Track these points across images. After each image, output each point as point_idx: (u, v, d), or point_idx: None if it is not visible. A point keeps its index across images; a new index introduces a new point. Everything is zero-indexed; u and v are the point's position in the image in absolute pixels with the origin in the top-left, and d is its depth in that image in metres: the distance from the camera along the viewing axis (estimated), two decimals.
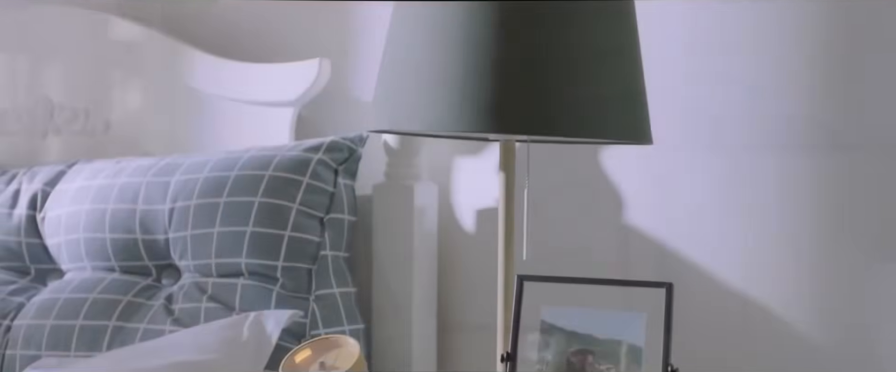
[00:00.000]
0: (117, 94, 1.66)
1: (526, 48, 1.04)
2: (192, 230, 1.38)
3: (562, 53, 1.05)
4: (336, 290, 1.38)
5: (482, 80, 1.03)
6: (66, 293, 1.44)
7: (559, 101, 1.05)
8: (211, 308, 1.34)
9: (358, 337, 1.39)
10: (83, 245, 1.46)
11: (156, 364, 1.19)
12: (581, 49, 1.06)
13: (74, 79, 1.69)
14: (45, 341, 1.40)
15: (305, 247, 1.35)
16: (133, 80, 1.65)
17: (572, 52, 1.05)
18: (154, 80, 1.63)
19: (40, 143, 1.72)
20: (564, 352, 0.99)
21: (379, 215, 1.45)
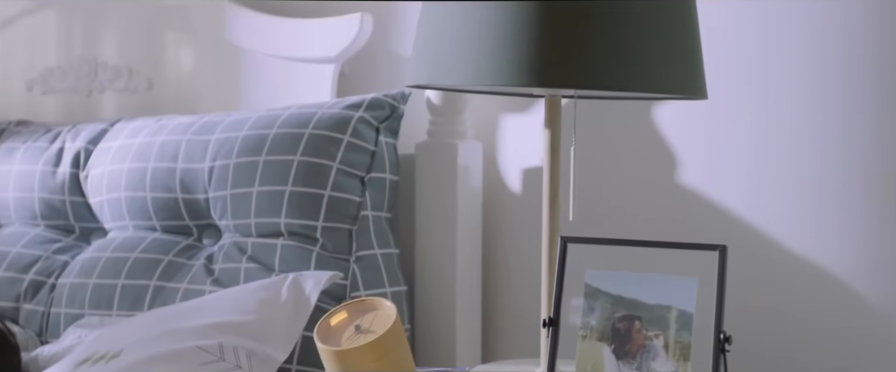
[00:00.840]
0: (160, 52, 1.64)
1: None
2: (231, 189, 1.36)
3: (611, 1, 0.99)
4: (377, 251, 1.35)
5: (526, 30, 0.98)
6: (108, 252, 1.43)
7: (608, 52, 0.99)
8: (250, 269, 1.32)
9: (400, 299, 1.36)
10: (125, 204, 1.45)
11: (193, 324, 1.17)
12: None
13: (118, 37, 1.67)
14: (88, 300, 1.40)
15: (346, 207, 1.32)
16: (176, 37, 1.63)
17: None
18: (197, 37, 1.60)
19: (84, 102, 1.72)
20: (610, 317, 0.94)
21: (422, 175, 1.41)
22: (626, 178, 1.36)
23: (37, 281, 1.47)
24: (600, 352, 0.93)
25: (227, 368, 1.13)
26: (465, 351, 1.41)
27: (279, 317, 1.19)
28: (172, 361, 1.12)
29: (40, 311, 1.45)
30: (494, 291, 1.46)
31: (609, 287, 0.95)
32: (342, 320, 1.00)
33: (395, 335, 0.97)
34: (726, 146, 1.30)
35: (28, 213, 1.56)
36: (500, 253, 1.45)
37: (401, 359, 0.97)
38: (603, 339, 0.94)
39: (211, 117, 1.45)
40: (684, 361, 0.92)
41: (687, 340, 0.92)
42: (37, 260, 1.49)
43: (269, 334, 1.18)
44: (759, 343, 1.27)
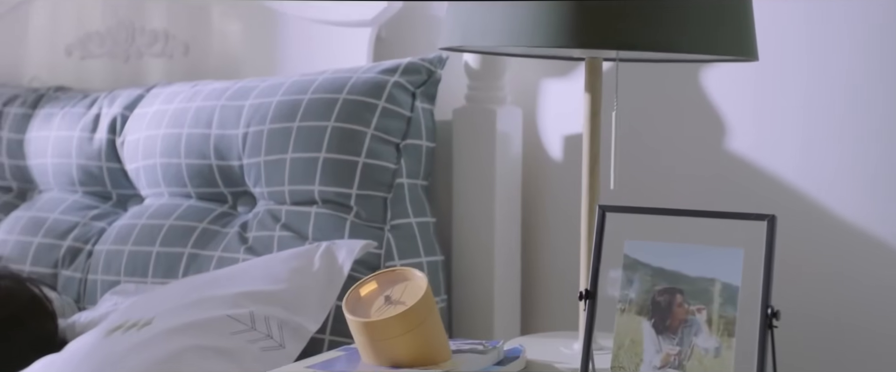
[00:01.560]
0: (198, 16, 1.62)
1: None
2: (265, 156, 1.33)
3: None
4: (413, 219, 1.31)
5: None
6: (144, 219, 1.42)
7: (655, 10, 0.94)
8: (284, 237, 1.29)
9: (436, 269, 1.33)
10: (160, 170, 1.43)
11: (224, 293, 1.15)
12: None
13: (156, 2, 1.65)
14: (124, 267, 1.39)
15: (380, 174, 1.29)
16: (213, 1, 1.60)
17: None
18: (234, 1, 1.57)
19: (121, 67, 1.71)
20: (650, 290, 0.90)
21: (459, 142, 1.37)
22: (670, 145, 1.31)
23: (74, 247, 1.47)
24: (639, 326, 0.89)
25: (257, 337, 1.11)
26: (504, 323, 1.37)
27: (311, 286, 1.17)
28: (203, 330, 1.10)
29: (78, 277, 1.44)
30: (534, 261, 1.42)
31: (649, 258, 0.90)
32: (372, 291, 0.96)
33: (426, 307, 0.93)
34: (778, 111, 1.24)
35: (66, 179, 1.56)
36: (540, 222, 1.41)
37: (432, 331, 0.94)
38: (642, 313, 0.89)
39: (245, 83, 1.42)
40: (729, 336, 0.87)
41: (732, 315, 0.87)
42: (74, 226, 1.49)
43: (301, 304, 1.15)
44: (809, 319, 1.22)
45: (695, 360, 0.88)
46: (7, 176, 1.65)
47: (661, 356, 0.88)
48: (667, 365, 0.88)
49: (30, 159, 1.60)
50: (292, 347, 1.13)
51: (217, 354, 1.08)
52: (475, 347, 1.02)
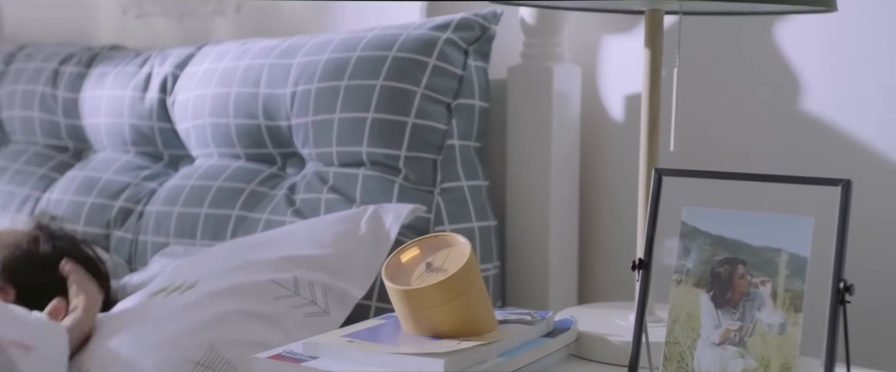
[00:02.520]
0: None
1: None
2: (313, 116, 1.29)
3: None
4: (464, 183, 1.26)
5: None
6: (193, 180, 1.40)
7: None
8: (331, 200, 1.25)
9: (488, 235, 1.27)
10: (209, 131, 1.41)
11: (269, 257, 1.12)
12: None
13: None
14: (173, 229, 1.37)
15: (430, 135, 1.24)
16: None
17: None
18: None
19: (174, 25, 1.68)
20: (709, 260, 0.83)
21: (514, 101, 1.31)
22: (736, 105, 1.23)
23: (126, 208, 1.46)
24: (697, 299, 0.83)
25: (301, 303, 1.08)
26: (559, 291, 1.32)
27: (357, 251, 1.13)
28: (246, 294, 1.07)
29: (129, 238, 1.43)
30: (592, 227, 1.35)
31: (709, 226, 0.84)
32: (413, 257, 0.92)
33: (469, 274, 0.89)
34: (857, 68, 1.15)
35: (119, 139, 1.54)
36: (598, 186, 1.34)
37: (475, 300, 0.89)
38: (700, 285, 0.83)
39: (295, 40, 1.38)
40: (795, 311, 0.80)
41: (799, 289, 0.80)
42: (126, 187, 1.48)
43: (347, 269, 1.12)
44: (887, 294, 1.13)
45: (757, 336, 0.81)
46: (63, 135, 1.64)
47: (720, 332, 0.82)
48: (726, 341, 0.82)
49: (84, 119, 1.60)
50: (337, 313, 1.09)
51: (259, 319, 1.05)
52: (523, 318, 0.96)
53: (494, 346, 0.87)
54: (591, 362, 0.98)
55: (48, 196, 1.55)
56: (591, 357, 0.99)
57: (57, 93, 1.64)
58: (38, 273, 1.23)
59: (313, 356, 0.86)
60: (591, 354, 0.99)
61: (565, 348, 0.98)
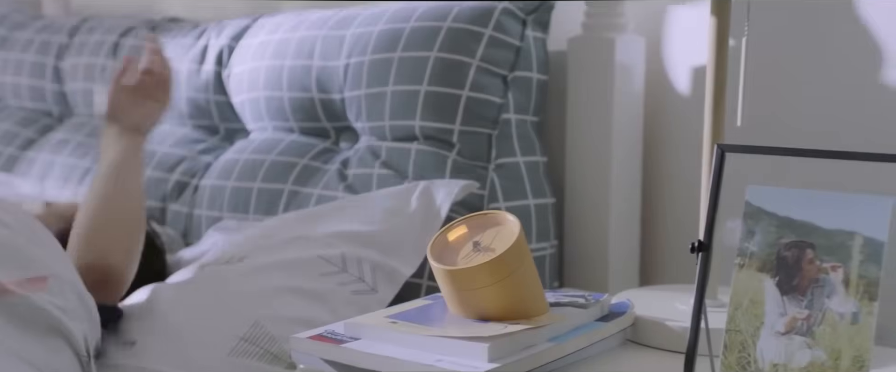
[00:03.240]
0: None
1: None
2: (366, 89, 1.26)
3: None
4: (520, 158, 1.21)
5: None
6: (247, 154, 1.38)
7: None
8: (383, 175, 1.22)
9: (545, 213, 1.23)
10: (263, 104, 1.38)
11: (317, 232, 1.10)
12: None
13: None
14: (227, 203, 1.35)
15: (485, 109, 1.19)
16: None
17: None
18: None
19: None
20: (775, 243, 0.77)
21: (574, 74, 1.26)
22: (810, 77, 1.15)
23: (181, 181, 1.45)
24: (761, 285, 0.77)
25: (348, 279, 1.05)
26: (620, 273, 1.27)
27: (407, 228, 1.10)
28: (293, 270, 1.05)
29: (184, 212, 1.42)
30: (656, 205, 1.30)
31: (775, 207, 0.78)
32: (461, 236, 0.88)
33: (518, 255, 0.84)
34: None
35: (175, 112, 1.53)
36: (662, 163, 1.28)
37: (524, 281, 0.85)
38: (765, 269, 0.77)
39: (349, 10, 1.35)
40: (869, 300, 0.74)
41: (874, 275, 0.74)
42: (182, 160, 1.47)
43: (396, 247, 1.08)
44: None
45: (827, 326, 0.75)
46: None
47: (787, 320, 0.76)
48: (792, 331, 0.76)
49: None
50: (385, 291, 1.06)
51: (306, 295, 1.03)
52: (576, 300, 0.92)
53: (543, 330, 0.83)
54: (648, 348, 0.93)
55: None
56: (648, 343, 0.94)
57: (117, 66, 1.64)
58: None
59: (354, 337, 0.83)
60: (649, 339, 0.94)
61: (621, 333, 0.93)
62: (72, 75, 1.72)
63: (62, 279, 0.94)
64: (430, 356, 0.78)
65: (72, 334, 0.92)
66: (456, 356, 0.78)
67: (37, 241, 0.97)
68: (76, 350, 0.92)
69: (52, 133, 1.72)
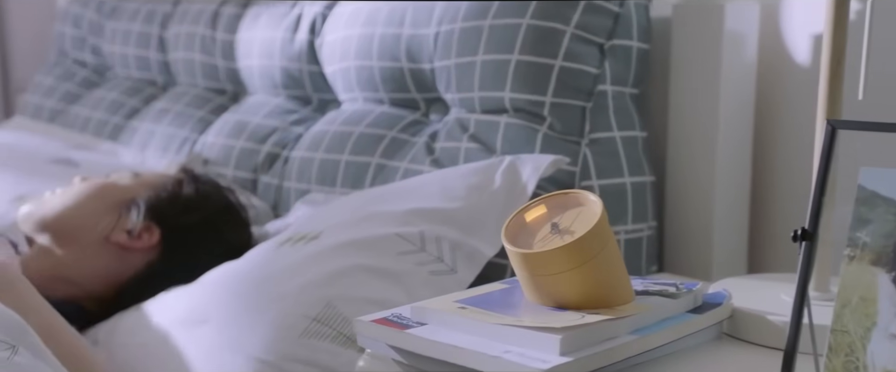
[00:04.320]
0: None
1: None
2: (455, 58, 1.20)
3: None
4: (617, 133, 1.13)
5: None
6: (336, 125, 1.34)
7: None
8: (471, 149, 1.16)
9: (643, 191, 1.15)
10: (354, 74, 1.34)
11: (396, 209, 1.05)
12: None
13: None
14: (315, 175, 1.32)
15: (579, 80, 1.12)
16: None
17: None
18: None
19: None
20: (892, 234, 0.68)
21: (680, 43, 1.16)
22: None
23: (272, 153, 1.43)
24: (874, 280, 0.68)
25: (427, 259, 1.00)
26: (725, 258, 1.17)
27: (490, 206, 1.03)
28: (368, 248, 1.00)
29: (274, 184, 1.40)
30: (767, 186, 1.19)
31: (893, 192, 0.68)
32: (539, 216, 0.81)
33: (599, 238, 0.77)
34: None
35: (270, 81, 1.51)
36: (776, 140, 1.18)
37: (606, 267, 0.78)
38: (879, 262, 0.68)
39: None
40: None
41: None
42: (274, 131, 1.45)
43: (478, 225, 1.03)
44: None
45: None
46: (221, 78, 1.64)
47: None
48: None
49: (240, 61, 1.58)
50: (465, 272, 1.01)
51: (382, 275, 0.98)
52: (665, 289, 0.84)
53: (625, 321, 0.76)
54: (747, 344, 0.85)
55: (204, 139, 1.55)
56: (746, 338, 0.85)
57: (215, 35, 1.63)
58: (181, 215, 1.22)
59: (421, 322, 0.78)
60: (747, 334, 0.85)
61: (715, 327, 0.85)
62: (174, 44, 1.73)
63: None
64: (497, 346, 0.72)
65: None
66: (525, 347, 0.72)
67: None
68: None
69: (155, 102, 1.73)
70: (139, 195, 1.22)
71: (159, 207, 1.22)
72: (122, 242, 1.16)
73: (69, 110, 1.89)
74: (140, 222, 1.18)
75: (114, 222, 1.18)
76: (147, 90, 1.79)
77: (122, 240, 1.16)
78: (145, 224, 1.19)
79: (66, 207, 1.19)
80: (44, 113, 1.94)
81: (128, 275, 1.17)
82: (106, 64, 1.92)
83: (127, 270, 1.17)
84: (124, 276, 1.17)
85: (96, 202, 1.20)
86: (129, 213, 1.19)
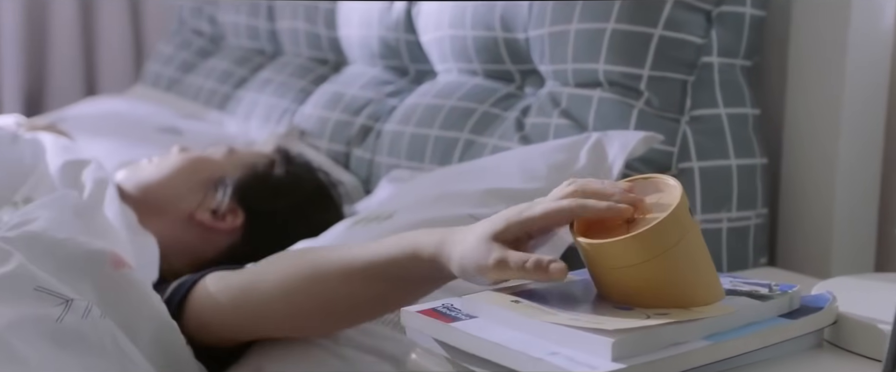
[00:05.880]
0: None
1: None
2: (549, 27, 1.11)
3: None
4: (723, 110, 1.02)
5: None
6: (429, 98, 1.28)
7: None
8: (561, 125, 1.08)
9: (753, 175, 1.03)
10: (448, 43, 1.28)
11: (473, 189, 0.98)
12: None
13: None
14: (405, 150, 1.27)
15: (681, 50, 1.01)
16: None
17: None
18: None
19: None
20: None
21: (801, 10, 1.04)
22: None
23: (366, 126, 1.38)
24: None
25: None
26: (848, 252, 1.05)
27: None
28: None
29: (367, 158, 1.35)
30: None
31: None
32: None
33: (676, 228, 0.68)
34: None
35: (368, 51, 1.47)
36: None
37: (685, 260, 0.68)
38: None
39: None
40: None
41: None
42: (368, 103, 1.40)
43: None
44: None
45: None
46: (324, 47, 1.60)
47: None
48: None
49: (340, 30, 1.54)
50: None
51: None
52: (756, 289, 0.74)
53: (697, 324, 0.66)
54: (853, 355, 0.73)
55: (303, 110, 1.52)
56: (852, 348, 0.74)
57: (318, 3, 1.59)
58: (269, 199, 1.18)
59: (471, 315, 0.71)
60: (854, 344, 0.74)
61: (814, 335, 0.74)
62: (281, 13, 1.70)
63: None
64: (544, 347, 0.64)
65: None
66: (575, 349, 0.64)
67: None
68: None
69: (261, 72, 1.72)
70: (229, 174, 1.18)
71: (247, 189, 1.17)
72: (206, 222, 1.14)
73: (184, 79, 1.90)
74: (225, 203, 1.14)
75: (199, 200, 1.15)
76: (255, 60, 1.78)
77: (205, 219, 1.14)
78: (231, 206, 1.15)
79: (156, 180, 1.18)
80: (162, 81, 1.97)
81: (209, 255, 1.14)
82: (221, 33, 1.92)
83: (209, 250, 1.14)
84: (206, 256, 1.14)
85: (185, 177, 1.18)
86: (216, 192, 1.16)
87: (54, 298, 0.79)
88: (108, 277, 0.85)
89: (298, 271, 0.84)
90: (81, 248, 0.86)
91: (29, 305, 0.78)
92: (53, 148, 1.12)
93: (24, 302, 0.78)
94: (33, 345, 0.75)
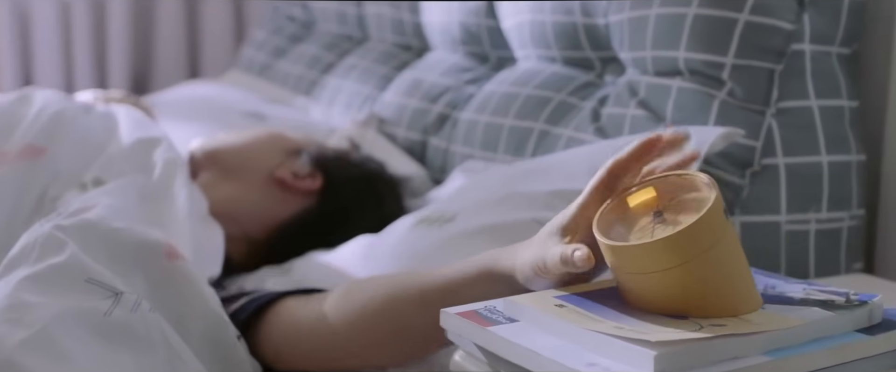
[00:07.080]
0: None
1: None
2: (629, 12, 1.05)
3: None
4: (815, 102, 0.94)
5: None
6: (505, 86, 1.23)
7: None
8: (637, 117, 1.01)
9: (847, 173, 0.95)
10: (528, 29, 1.23)
11: (538, 189, 0.93)
12: None
13: None
14: (479, 139, 1.23)
15: (769, 37, 0.93)
16: None
17: None
18: None
19: None
20: None
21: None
22: None
23: (443, 114, 1.34)
24: None
25: None
26: None
27: None
28: (502, 235, 0.88)
29: (443, 147, 1.32)
30: None
31: None
32: (645, 201, 0.66)
33: (709, 231, 0.61)
34: None
35: (449, 37, 1.43)
36: None
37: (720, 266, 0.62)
38: None
39: None
40: None
41: None
42: (446, 90, 1.36)
43: None
44: None
45: None
46: (408, 32, 1.57)
47: None
48: None
49: (423, 15, 1.50)
50: None
51: None
52: (833, 299, 0.67)
53: (756, 338, 0.60)
54: None
55: (383, 96, 1.49)
56: None
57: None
58: (347, 168, 1.20)
59: (513, 318, 0.66)
60: None
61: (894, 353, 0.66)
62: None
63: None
64: (582, 356, 0.59)
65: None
66: (616, 360, 0.59)
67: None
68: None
69: (348, 57, 1.70)
70: (308, 147, 1.20)
71: (328, 158, 1.21)
72: (287, 179, 1.15)
73: (275, 64, 1.90)
74: (307, 166, 1.17)
75: (281, 161, 1.17)
76: (343, 45, 1.76)
77: (286, 176, 1.15)
78: (311, 170, 1.16)
79: (237, 143, 1.21)
80: (255, 66, 1.97)
81: (283, 217, 1.14)
82: (312, 18, 1.91)
83: (283, 211, 1.14)
84: (280, 218, 1.14)
85: (266, 142, 1.21)
86: (298, 157, 1.18)
87: (104, 290, 0.78)
88: (161, 268, 0.84)
89: (374, 298, 0.81)
90: (136, 238, 0.85)
91: (78, 297, 0.77)
92: (126, 122, 1.13)
93: (73, 294, 0.77)
94: (79, 339, 0.74)
